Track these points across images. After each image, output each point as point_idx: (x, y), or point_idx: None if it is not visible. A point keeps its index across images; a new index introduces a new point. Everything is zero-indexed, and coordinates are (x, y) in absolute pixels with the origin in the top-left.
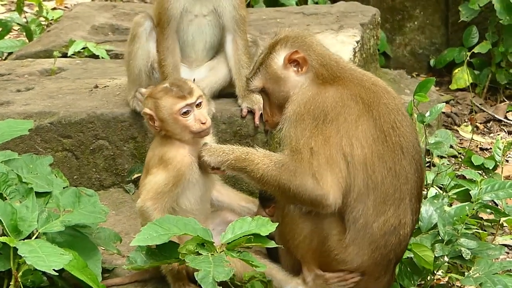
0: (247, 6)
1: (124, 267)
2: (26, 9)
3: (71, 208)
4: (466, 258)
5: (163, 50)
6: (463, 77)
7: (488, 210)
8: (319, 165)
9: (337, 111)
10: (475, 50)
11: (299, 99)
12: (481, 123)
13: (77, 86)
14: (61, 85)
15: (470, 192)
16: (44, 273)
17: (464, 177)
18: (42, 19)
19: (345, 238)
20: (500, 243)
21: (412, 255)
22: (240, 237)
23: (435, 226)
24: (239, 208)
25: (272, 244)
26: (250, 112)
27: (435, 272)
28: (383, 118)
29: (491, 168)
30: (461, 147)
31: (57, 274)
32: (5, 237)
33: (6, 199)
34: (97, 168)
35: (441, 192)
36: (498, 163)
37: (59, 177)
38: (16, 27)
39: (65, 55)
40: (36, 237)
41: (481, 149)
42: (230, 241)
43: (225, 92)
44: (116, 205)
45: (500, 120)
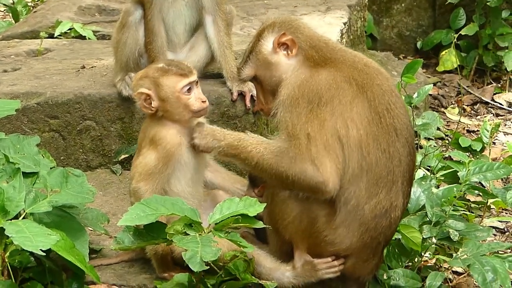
0: None
1: (112, 247)
2: None
3: (58, 188)
4: (454, 240)
5: (149, 33)
6: (450, 59)
7: (475, 192)
8: (317, 151)
9: (331, 93)
10: (462, 32)
11: (293, 82)
12: (468, 105)
13: (64, 67)
14: (47, 66)
15: (458, 174)
16: (32, 253)
17: (451, 159)
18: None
19: (335, 219)
20: (488, 225)
21: (400, 237)
22: (228, 218)
23: (423, 207)
24: (234, 191)
25: (260, 225)
26: (240, 94)
27: (423, 253)
28: (377, 99)
29: (478, 150)
30: (448, 129)
31: (44, 254)
32: None
33: None
34: (84, 148)
35: (428, 173)
36: (485, 145)
37: (46, 158)
38: (2, 8)
39: (51, 36)
40: (23, 218)
41: (468, 131)
42: (218, 222)
43: (213, 73)
44: (103, 186)
45: (487, 102)
